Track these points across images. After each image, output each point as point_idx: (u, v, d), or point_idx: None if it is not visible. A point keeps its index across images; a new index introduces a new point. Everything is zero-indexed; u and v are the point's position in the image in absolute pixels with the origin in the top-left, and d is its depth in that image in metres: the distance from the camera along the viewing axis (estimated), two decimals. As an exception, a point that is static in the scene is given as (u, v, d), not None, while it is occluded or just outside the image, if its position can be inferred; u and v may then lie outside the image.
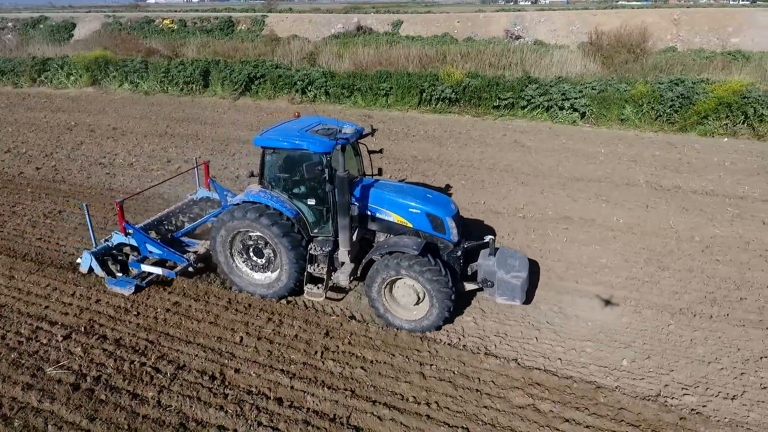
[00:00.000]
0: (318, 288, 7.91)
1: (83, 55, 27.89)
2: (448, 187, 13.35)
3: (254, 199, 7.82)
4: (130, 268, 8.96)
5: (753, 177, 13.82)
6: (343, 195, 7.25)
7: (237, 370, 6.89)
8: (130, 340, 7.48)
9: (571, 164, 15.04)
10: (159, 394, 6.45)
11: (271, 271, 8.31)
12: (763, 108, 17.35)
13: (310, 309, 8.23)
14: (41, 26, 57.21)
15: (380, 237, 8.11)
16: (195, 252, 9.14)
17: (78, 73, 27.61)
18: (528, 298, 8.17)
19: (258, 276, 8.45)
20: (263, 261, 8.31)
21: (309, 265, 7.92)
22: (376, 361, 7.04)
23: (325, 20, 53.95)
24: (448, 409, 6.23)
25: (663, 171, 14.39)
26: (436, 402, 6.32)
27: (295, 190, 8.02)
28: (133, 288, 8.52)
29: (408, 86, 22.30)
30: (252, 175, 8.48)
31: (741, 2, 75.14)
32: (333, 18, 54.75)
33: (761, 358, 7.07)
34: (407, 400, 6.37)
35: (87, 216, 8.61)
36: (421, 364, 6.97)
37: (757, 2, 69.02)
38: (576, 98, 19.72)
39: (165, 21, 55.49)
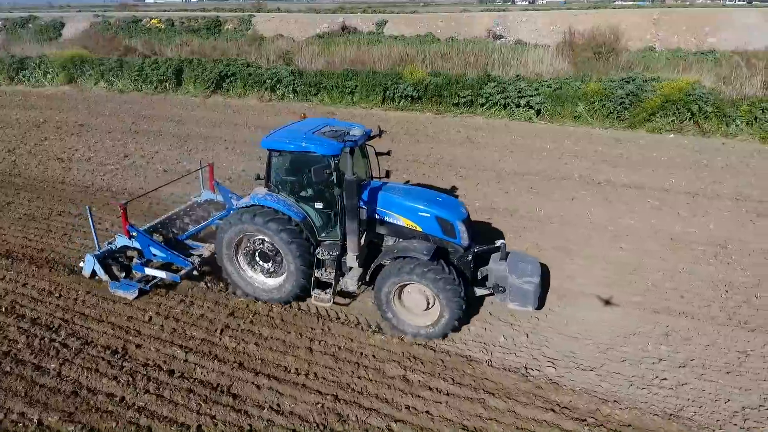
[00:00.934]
0: (326, 293, 7.76)
1: (59, 53, 28.37)
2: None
3: (261, 202, 7.69)
4: (134, 272, 8.81)
5: (684, 171, 14.33)
6: (351, 199, 7.08)
7: (139, 346, 7.40)
8: (47, 319, 7.99)
9: (513, 159, 15.55)
10: (61, 366, 6.96)
11: (278, 275, 8.15)
12: (707, 105, 17.87)
13: (222, 292, 8.74)
14: (30, 26, 57.55)
15: (388, 241, 7.95)
16: (200, 255, 8.95)
17: (55, 71, 28.10)
18: (540, 303, 8.00)
19: (264, 280, 8.29)
20: (269, 265, 8.15)
21: (316, 270, 7.80)
22: (271, 337, 7.55)
23: (310, 20, 54.42)
24: (325, 379, 6.74)
25: (600, 165, 14.90)
26: (315, 373, 6.84)
27: (302, 194, 7.89)
28: (137, 292, 8.38)
29: (372, 85, 22.81)
30: (258, 178, 8.27)
31: (738, 2, 75.64)
32: (319, 18, 55.26)
33: (631, 335, 7.58)
34: (289, 371, 6.88)
35: (90, 219, 8.50)
36: (311, 340, 7.48)
37: (754, 2, 69.56)
38: (531, 96, 20.23)
39: (152, 21, 55.94)
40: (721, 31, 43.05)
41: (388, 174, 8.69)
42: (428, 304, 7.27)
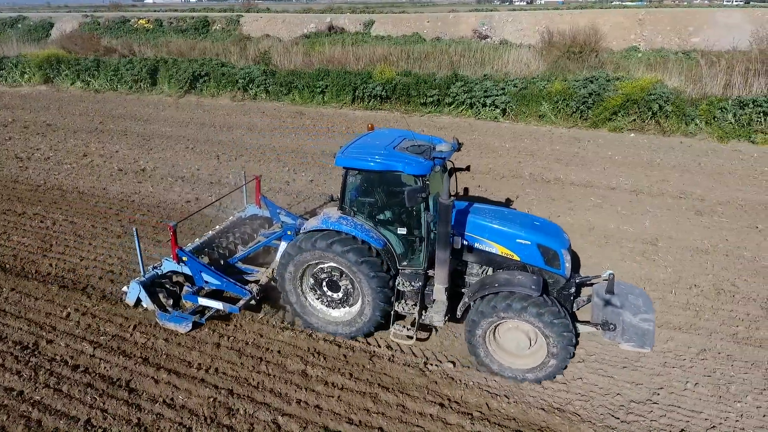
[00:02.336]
0: (407, 329, 7.02)
1: (36, 53, 28.45)
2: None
3: (335, 227, 6.86)
4: (184, 301, 8.04)
5: (634, 170, 14.42)
6: (445, 225, 6.22)
7: (50, 341, 7.48)
8: (-37, 316, 8.07)
9: (468, 158, 15.62)
10: (-33, 361, 7.04)
11: (347, 307, 7.44)
12: (667, 105, 17.95)
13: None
14: (19, 26, 57.64)
15: (473, 269, 7.19)
16: (256, 282, 8.21)
17: (31, 71, 28.19)
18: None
19: (331, 312, 7.55)
20: (340, 295, 7.36)
21: (396, 303, 7.06)
22: (182, 333, 7.63)
23: (298, 20, 54.50)
24: (224, 374, 6.83)
25: (553, 164, 14.99)
26: (216, 368, 6.92)
27: (381, 217, 7.12)
28: (190, 325, 7.55)
29: (343, 84, 22.90)
30: (332, 199, 7.51)
31: (735, 2, 75.72)
32: (306, 18, 55.34)
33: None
34: (191, 366, 6.96)
35: (136, 241, 7.71)
36: (221, 336, 7.56)
37: (751, 2, 69.60)
38: (497, 95, 20.31)
39: (140, 21, 56.03)
40: (704, 31, 43.12)
41: (466, 192, 7.87)
42: (530, 343, 6.46)
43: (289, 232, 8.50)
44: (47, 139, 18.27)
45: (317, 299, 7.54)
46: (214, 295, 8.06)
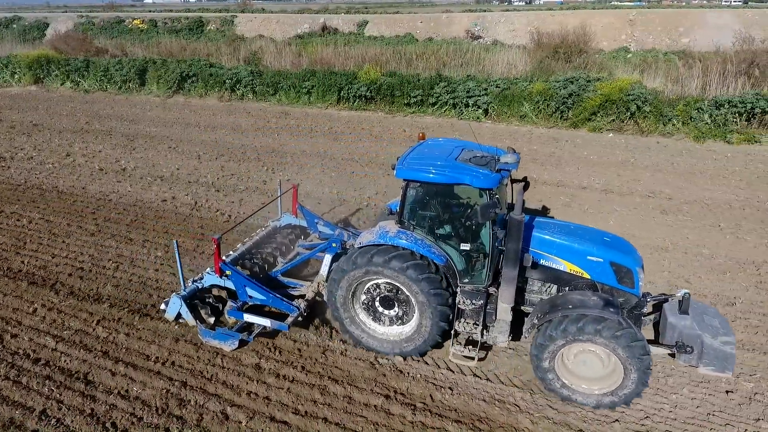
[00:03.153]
0: (469, 350, 6.75)
1: (26, 54, 28.66)
2: (319, 179, 14.18)
3: (394, 242, 6.59)
4: (228, 317, 7.65)
5: (608, 169, 14.63)
6: (516, 241, 6.03)
7: (15, 336, 7.69)
8: (-67, 311, 8.27)
9: (445, 158, 15.84)
10: (-69, 355, 7.24)
11: (401, 325, 7.14)
12: (645, 105, 18.17)
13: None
14: (14, 26, 57.82)
15: (533, 285, 6.88)
16: (302, 296, 7.90)
17: (22, 71, 28.40)
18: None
19: (384, 330, 7.23)
20: (395, 313, 7.09)
21: (457, 322, 6.78)
22: (143, 327, 7.84)
23: (292, 20, 54.71)
24: (181, 366, 7.03)
25: (528, 164, 15.16)
26: (173, 361, 7.13)
27: (442, 231, 6.88)
28: (237, 343, 7.18)
29: (328, 85, 23.12)
30: (391, 212, 7.19)
31: (733, 2, 75.95)
32: (300, 18, 55.54)
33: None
34: (149, 359, 7.17)
35: (177, 254, 7.39)
36: (187, 332, 7.76)
37: (749, 2, 69.86)
38: (479, 96, 20.53)
39: (135, 21, 56.24)
40: (694, 32, 43.34)
41: (523, 203, 7.64)
42: (603, 366, 6.13)
43: (334, 245, 8.15)
44: (32, 139, 18.47)
45: (370, 317, 7.21)
46: (254, 310, 7.75)
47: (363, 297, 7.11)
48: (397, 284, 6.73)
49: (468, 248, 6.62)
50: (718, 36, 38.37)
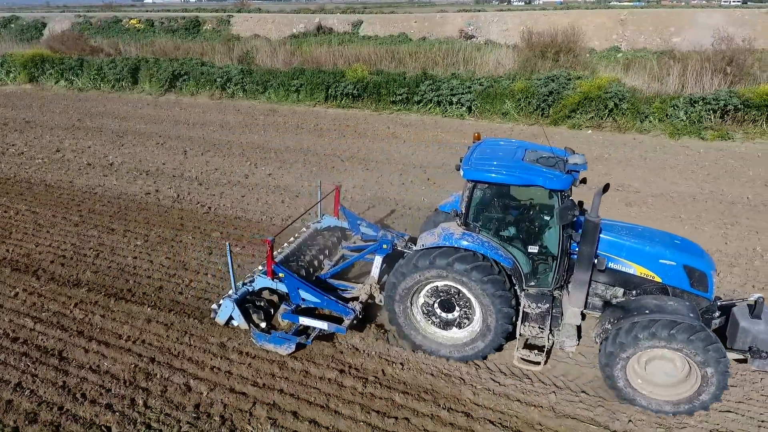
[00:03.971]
0: (536, 354, 6.61)
1: (21, 53, 29.10)
2: (300, 173, 14.61)
3: (458, 244, 6.50)
4: (281, 320, 7.61)
5: (581, 164, 15.03)
6: (591, 244, 6.00)
7: (-5, 317, 8.12)
8: None
9: (424, 153, 16.28)
10: None
11: (464, 327, 7.02)
12: (623, 102, 18.60)
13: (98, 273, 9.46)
14: (12, 26, 58.26)
15: (597, 289, 6.78)
16: (355, 299, 7.81)
17: (17, 70, 28.84)
18: None
19: (443, 333, 7.11)
20: (455, 316, 6.98)
21: (521, 325, 6.66)
22: (118, 310, 8.27)
23: (287, 20, 55.14)
24: (150, 344, 7.47)
25: (504, 159, 15.61)
26: (144, 339, 7.56)
27: (508, 233, 6.83)
28: (293, 347, 7.06)
29: (316, 83, 23.55)
30: (457, 214, 6.92)
31: (732, 2, 76.31)
32: (296, 18, 55.97)
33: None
34: (121, 338, 7.60)
35: (229, 257, 7.20)
36: (154, 310, 8.19)
37: (748, 3, 70.21)
38: (463, 94, 20.96)
39: (132, 21, 56.67)
40: (685, 31, 43.71)
41: (581, 204, 7.24)
42: (678, 372, 6.01)
43: (384, 246, 8.01)
44: (24, 135, 18.91)
45: (429, 320, 7.09)
46: (304, 312, 7.63)
47: (422, 300, 7.00)
48: (459, 287, 6.61)
49: (536, 251, 6.59)
50: (708, 35, 38.82)
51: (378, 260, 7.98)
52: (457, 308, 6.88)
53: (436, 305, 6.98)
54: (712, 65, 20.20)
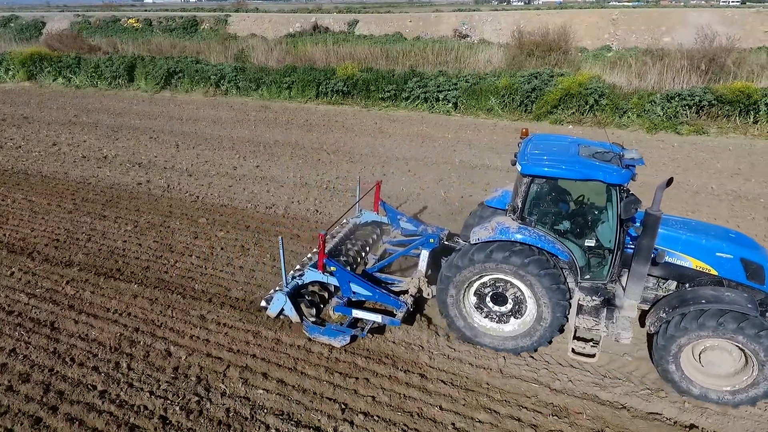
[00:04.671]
0: (592, 346, 6.71)
1: (19, 51, 29.69)
2: (286, 165, 15.20)
3: (516, 238, 6.55)
4: (334, 313, 7.75)
5: (557, 157, 15.62)
6: (651, 237, 6.08)
7: (-8, 294, 8.71)
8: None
9: (408, 147, 16.86)
10: None
11: (515, 320, 7.13)
12: (602, 98, 19.19)
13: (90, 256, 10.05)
14: (12, 25, 58.84)
15: (648, 282, 6.86)
16: (404, 292, 7.96)
17: (15, 68, 29.44)
18: None
19: (495, 326, 7.22)
20: (506, 309, 7.09)
21: (576, 318, 6.76)
22: (107, 287, 8.86)
23: (284, 20, 55.78)
24: (136, 316, 8.05)
25: (484, 153, 16.18)
26: (129, 312, 8.15)
27: (563, 227, 6.95)
28: (348, 339, 7.19)
29: (308, 80, 24.15)
30: (513, 209, 6.90)
31: (731, 3, 76.91)
32: (292, 18, 56.60)
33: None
34: (109, 311, 8.19)
35: (281, 251, 7.35)
36: (140, 286, 8.77)
37: (747, 2, 70.78)
38: (449, 90, 21.55)
39: (130, 20, 57.26)
40: (675, 31, 44.30)
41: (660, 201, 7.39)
42: (734, 363, 6.11)
43: (431, 240, 8.21)
44: (21, 130, 19.50)
45: (481, 313, 7.23)
46: (353, 306, 7.78)
47: (474, 294, 7.11)
48: (514, 280, 6.73)
49: (593, 244, 6.72)
50: (698, 35, 39.37)
51: (425, 254, 8.14)
52: (510, 301, 6.99)
53: (488, 298, 7.09)
54: (689, 63, 20.78)
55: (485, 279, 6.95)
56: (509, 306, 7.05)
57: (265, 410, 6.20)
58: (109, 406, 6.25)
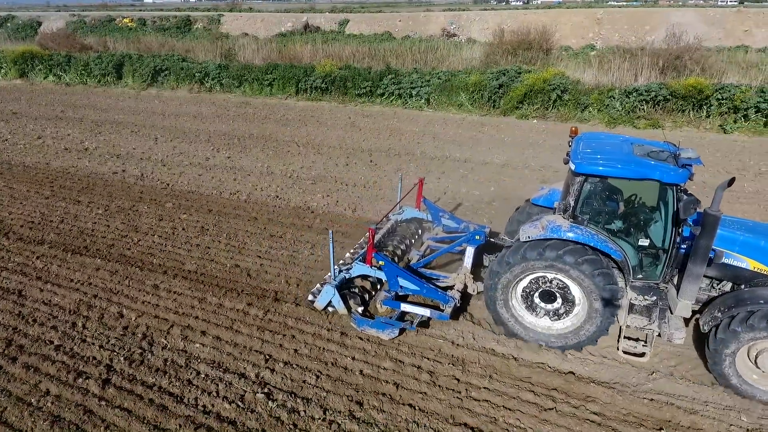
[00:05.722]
0: (642, 345, 6.74)
1: (11, 50, 30.58)
2: (256, 156, 16.06)
3: (568, 237, 6.58)
4: (382, 306, 7.82)
5: (514, 149, 16.42)
6: (710, 238, 6.02)
7: (-31, 267, 9.58)
8: None
9: (375, 140, 17.73)
10: None
11: (561, 319, 7.11)
12: (565, 94, 20.04)
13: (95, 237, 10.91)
14: (8, 25, 59.70)
15: (701, 282, 6.68)
16: (451, 287, 8.06)
17: (8, 66, 30.33)
18: None
19: (542, 323, 7.21)
20: (556, 307, 7.07)
21: (627, 316, 6.79)
22: (74, 262, 9.73)
23: (276, 19, 56.60)
24: (96, 285, 8.90)
25: (447, 145, 17.03)
26: (91, 282, 9.01)
27: (615, 226, 6.93)
28: (397, 332, 7.29)
29: (288, 77, 25.02)
30: (566, 209, 6.86)
31: (729, 2, 77.63)
32: (284, 17, 57.41)
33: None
34: (72, 281, 9.05)
35: (331, 244, 7.50)
36: (105, 260, 9.64)
37: (745, 2, 71.53)
38: (422, 87, 22.41)
39: (125, 20, 58.09)
40: (658, 30, 45.06)
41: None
42: None
43: (477, 237, 8.32)
44: (9, 124, 20.38)
45: (528, 310, 7.24)
46: (399, 299, 7.92)
47: (522, 290, 7.14)
48: (565, 278, 6.73)
49: (647, 243, 6.71)
50: (680, 33, 40.09)
51: (470, 251, 8.29)
52: (558, 299, 6.99)
53: (536, 295, 7.08)
54: (650, 60, 21.62)
55: (535, 276, 6.93)
56: (558, 304, 7.04)
57: (199, 360, 7.06)
58: (62, 357, 7.12)
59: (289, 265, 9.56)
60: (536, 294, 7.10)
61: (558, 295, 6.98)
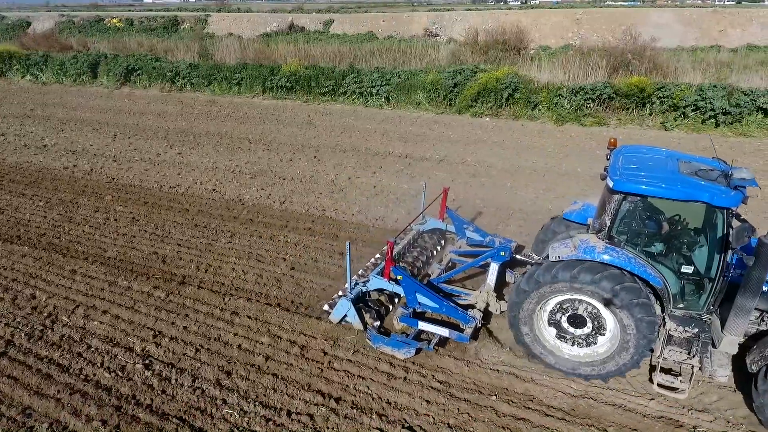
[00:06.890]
0: (680, 380, 6.16)
1: (-12, 49, 31.21)
2: (206, 151, 16.65)
3: (604, 260, 6.06)
4: (399, 323, 7.44)
5: (456, 146, 16.98)
6: (764, 270, 5.43)
7: None
8: None
9: (326, 137, 18.31)
10: None
11: (588, 346, 6.62)
12: (516, 92, 20.60)
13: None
14: (-2, 25, 60.17)
15: (751, 315, 5.99)
16: (472, 306, 7.63)
17: (-15, 65, 30.95)
18: None
19: (573, 350, 6.70)
20: (585, 332, 6.55)
21: (664, 349, 6.19)
22: (2, 249, 10.31)
23: (262, 19, 57.21)
24: (18, 271, 9.49)
25: (394, 142, 17.60)
26: (13, 268, 9.60)
27: (656, 250, 6.38)
28: (413, 351, 6.90)
29: (255, 76, 25.62)
30: (600, 229, 6.38)
31: (726, 2, 78.10)
32: (269, 17, 58.02)
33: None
34: (14, 270, 9.66)
35: (348, 256, 7.07)
36: (33, 251, 10.23)
37: (742, 2, 71.98)
38: (381, 86, 22.99)
39: (113, 20, 58.70)
40: (636, 30, 45.54)
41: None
42: None
43: (502, 253, 8.00)
44: (-23, 122, 21.00)
45: (554, 334, 6.75)
46: (416, 317, 7.54)
47: (549, 313, 6.66)
48: (598, 305, 6.24)
49: (691, 270, 6.18)
50: (657, 33, 40.75)
51: (494, 267, 7.93)
52: (589, 324, 6.51)
53: (564, 318, 6.60)
54: (599, 59, 22.21)
55: (564, 298, 6.46)
56: (588, 329, 6.54)
57: (93, 336, 7.65)
58: (-34, 333, 7.71)
59: (205, 252, 10.16)
60: (564, 317, 6.61)
61: (588, 320, 6.49)
